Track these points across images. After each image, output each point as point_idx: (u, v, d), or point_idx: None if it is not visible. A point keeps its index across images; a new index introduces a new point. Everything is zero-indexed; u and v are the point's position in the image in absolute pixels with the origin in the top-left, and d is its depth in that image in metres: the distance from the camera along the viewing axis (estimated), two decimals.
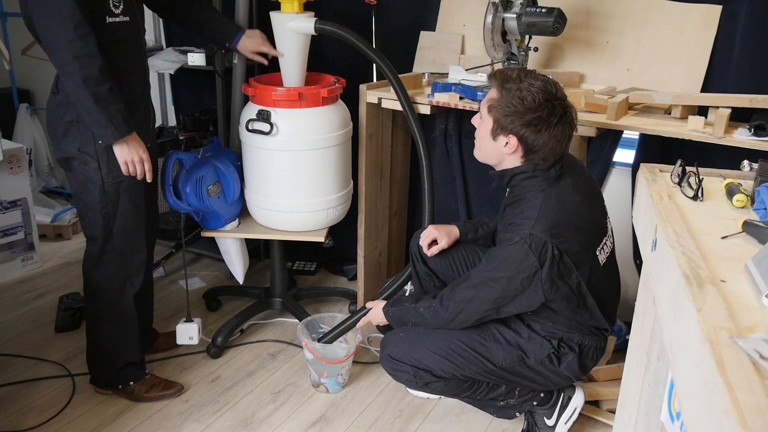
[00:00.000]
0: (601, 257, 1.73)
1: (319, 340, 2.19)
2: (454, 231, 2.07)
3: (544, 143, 1.62)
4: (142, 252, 2.03)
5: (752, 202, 1.19)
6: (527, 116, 1.60)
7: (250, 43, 2.26)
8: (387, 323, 1.97)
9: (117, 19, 1.79)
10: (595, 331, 1.81)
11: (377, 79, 2.63)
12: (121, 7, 1.80)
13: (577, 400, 1.94)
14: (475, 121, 1.76)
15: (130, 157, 1.84)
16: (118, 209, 1.92)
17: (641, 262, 1.27)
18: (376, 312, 1.99)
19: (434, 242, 2.04)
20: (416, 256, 2.10)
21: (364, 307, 2.10)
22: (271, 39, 2.26)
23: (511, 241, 1.61)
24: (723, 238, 1.04)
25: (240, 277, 2.53)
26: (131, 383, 2.13)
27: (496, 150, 1.70)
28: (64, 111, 1.83)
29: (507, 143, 1.66)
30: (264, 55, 2.29)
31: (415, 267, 2.11)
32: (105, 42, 1.75)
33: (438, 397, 2.16)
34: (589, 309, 1.73)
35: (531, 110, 1.59)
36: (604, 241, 1.75)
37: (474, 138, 2.71)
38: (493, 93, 1.68)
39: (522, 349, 1.80)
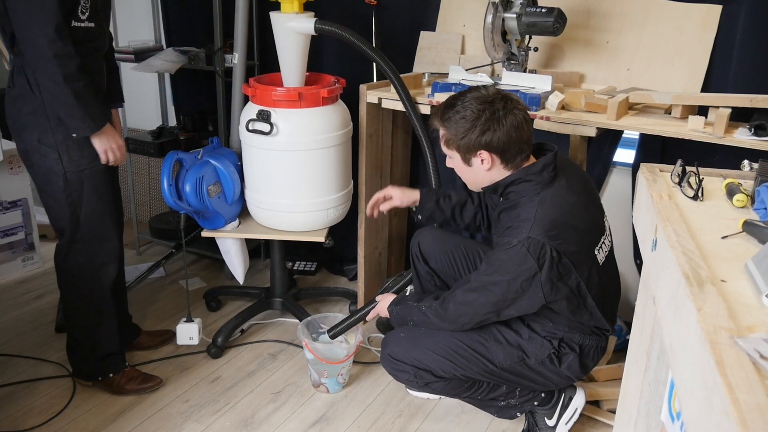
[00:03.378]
0: (600, 257, 1.73)
1: (327, 331, 2.19)
2: (413, 195, 2.08)
3: (508, 136, 1.64)
4: (112, 239, 2.05)
5: (752, 202, 1.19)
6: (477, 126, 1.64)
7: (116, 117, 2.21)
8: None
9: (81, 25, 1.85)
10: (596, 331, 1.82)
11: (377, 79, 2.63)
12: (87, 14, 1.86)
13: (578, 400, 1.94)
14: (448, 164, 1.80)
15: (109, 144, 1.92)
16: (83, 198, 1.95)
17: (641, 262, 1.27)
18: (384, 305, 2.00)
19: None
20: (417, 256, 2.10)
21: (373, 301, 2.10)
22: (271, 39, 2.27)
23: (509, 244, 1.61)
24: (723, 237, 1.04)
25: (240, 278, 2.53)
26: (111, 375, 2.15)
27: (479, 173, 1.73)
28: (22, 103, 1.87)
29: (482, 160, 1.69)
30: None
31: (416, 266, 2.11)
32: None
33: (438, 397, 2.16)
34: (590, 309, 1.73)
35: (477, 119, 1.64)
36: (602, 240, 1.75)
37: None
38: (441, 131, 1.73)
39: (522, 350, 1.80)
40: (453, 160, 1.76)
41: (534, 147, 1.77)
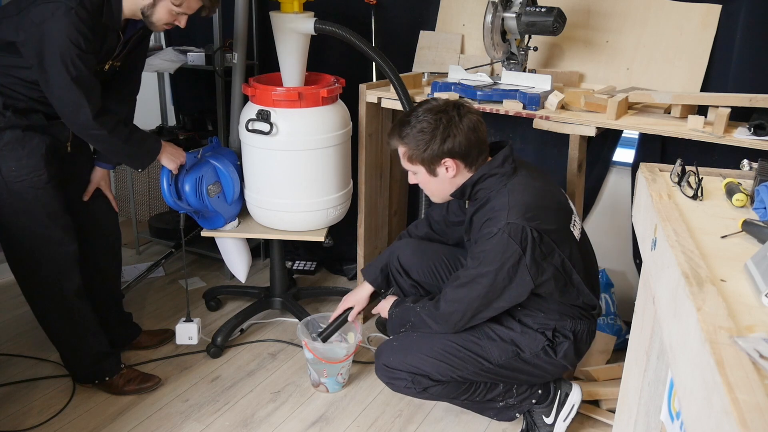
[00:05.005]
0: (576, 233, 1.79)
1: (319, 335, 2.17)
2: (365, 288, 2.11)
3: (468, 139, 1.70)
4: (64, 245, 2.00)
5: (752, 202, 1.19)
6: (438, 135, 1.69)
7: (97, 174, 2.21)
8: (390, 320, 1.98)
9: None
10: (585, 313, 1.85)
11: (377, 79, 2.63)
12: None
13: (575, 396, 1.95)
14: (411, 180, 1.83)
15: (176, 161, 2.14)
16: (24, 207, 1.91)
17: (641, 261, 1.27)
18: (386, 305, 2.00)
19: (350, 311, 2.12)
20: (398, 270, 2.08)
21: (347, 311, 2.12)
22: (271, 38, 2.27)
23: (490, 234, 1.65)
24: (723, 237, 1.04)
25: (242, 276, 2.52)
26: (107, 378, 2.15)
27: (444, 182, 1.77)
28: None
29: (447, 168, 1.73)
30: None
31: (398, 281, 2.09)
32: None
33: None
34: (576, 286, 1.77)
35: (435, 128, 1.69)
36: (573, 218, 1.81)
37: None
38: (401, 149, 1.78)
39: (516, 344, 1.81)
40: (417, 175, 1.80)
41: (489, 146, 1.82)
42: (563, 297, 1.77)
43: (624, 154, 2.50)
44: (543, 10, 2.11)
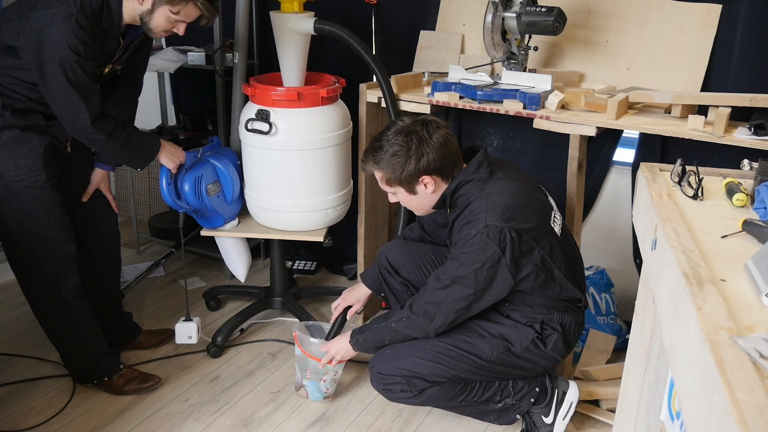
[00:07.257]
0: (557, 229, 1.81)
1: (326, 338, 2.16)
2: (363, 293, 2.14)
3: (441, 155, 1.73)
4: (61, 245, 1.99)
5: (752, 201, 1.19)
6: (411, 156, 1.72)
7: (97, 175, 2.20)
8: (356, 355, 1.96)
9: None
10: (571, 306, 1.86)
11: (377, 79, 2.63)
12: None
13: (572, 394, 1.96)
14: (391, 199, 1.86)
15: (175, 160, 2.13)
16: (22, 207, 1.91)
17: (641, 261, 1.27)
18: (339, 347, 1.96)
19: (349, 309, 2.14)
20: (387, 269, 2.09)
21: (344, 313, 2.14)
22: (271, 38, 2.26)
23: (469, 236, 1.68)
24: (723, 237, 1.04)
25: (242, 276, 2.52)
26: (106, 378, 2.15)
27: (424, 198, 1.80)
28: None
29: (425, 185, 1.77)
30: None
31: (387, 282, 2.10)
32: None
33: None
34: (558, 281, 1.78)
35: (408, 150, 1.72)
36: (553, 214, 1.83)
37: (476, 137, 2.72)
38: (377, 174, 1.81)
39: (506, 339, 1.83)
40: (397, 195, 1.82)
41: (464, 152, 1.85)
42: (545, 292, 1.79)
43: (624, 154, 2.50)
44: (543, 9, 2.11)
